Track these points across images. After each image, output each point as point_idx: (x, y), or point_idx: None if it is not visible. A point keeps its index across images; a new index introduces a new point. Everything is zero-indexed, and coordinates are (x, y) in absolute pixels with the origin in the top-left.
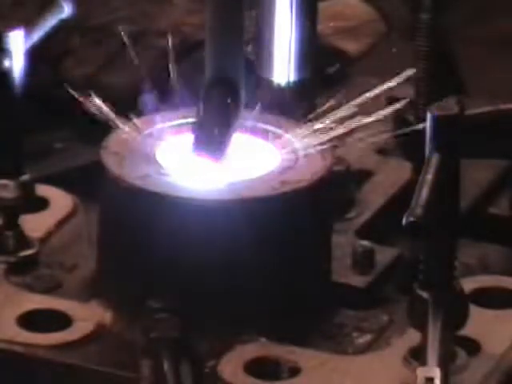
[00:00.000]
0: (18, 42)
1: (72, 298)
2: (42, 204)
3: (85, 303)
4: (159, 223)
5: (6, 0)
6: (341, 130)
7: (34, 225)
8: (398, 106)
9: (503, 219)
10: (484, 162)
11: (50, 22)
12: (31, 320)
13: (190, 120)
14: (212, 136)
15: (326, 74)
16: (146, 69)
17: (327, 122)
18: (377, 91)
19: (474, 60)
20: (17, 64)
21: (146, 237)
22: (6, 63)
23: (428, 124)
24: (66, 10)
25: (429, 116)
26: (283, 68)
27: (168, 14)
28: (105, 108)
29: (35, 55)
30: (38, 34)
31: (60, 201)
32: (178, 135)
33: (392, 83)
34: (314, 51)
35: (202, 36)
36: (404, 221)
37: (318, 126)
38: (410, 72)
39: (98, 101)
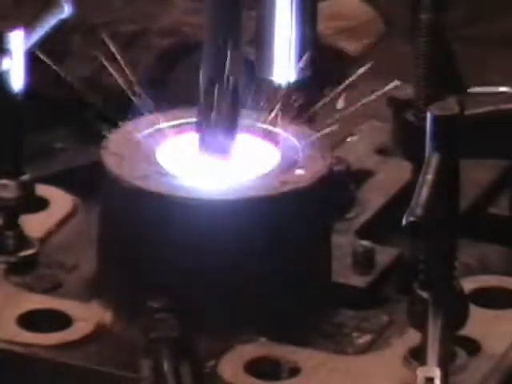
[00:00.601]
0: (18, 41)
1: (72, 298)
2: (41, 204)
3: (85, 303)
4: (159, 223)
5: (6, 0)
6: (340, 131)
7: (34, 225)
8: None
9: (503, 219)
10: (484, 162)
11: (50, 22)
12: (31, 320)
13: (190, 120)
14: (218, 135)
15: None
16: (146, 69)
17: (327, 122)
18: (378, 92)
19: (474, 60)
20: (17, 64)
21: (146, 237)
22: (6, 63)
23: (428, 124)
24: (66, 10)
25: (429, 116)
26: (283, 68)
27: (168, 13)
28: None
29: (35, 55)
30: (38, 34)
31: (60, 201)
32: (178, 135)
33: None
34: (314, 51)
35: (202, 36)
36: (404, 221)
37: (318, 126)
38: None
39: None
